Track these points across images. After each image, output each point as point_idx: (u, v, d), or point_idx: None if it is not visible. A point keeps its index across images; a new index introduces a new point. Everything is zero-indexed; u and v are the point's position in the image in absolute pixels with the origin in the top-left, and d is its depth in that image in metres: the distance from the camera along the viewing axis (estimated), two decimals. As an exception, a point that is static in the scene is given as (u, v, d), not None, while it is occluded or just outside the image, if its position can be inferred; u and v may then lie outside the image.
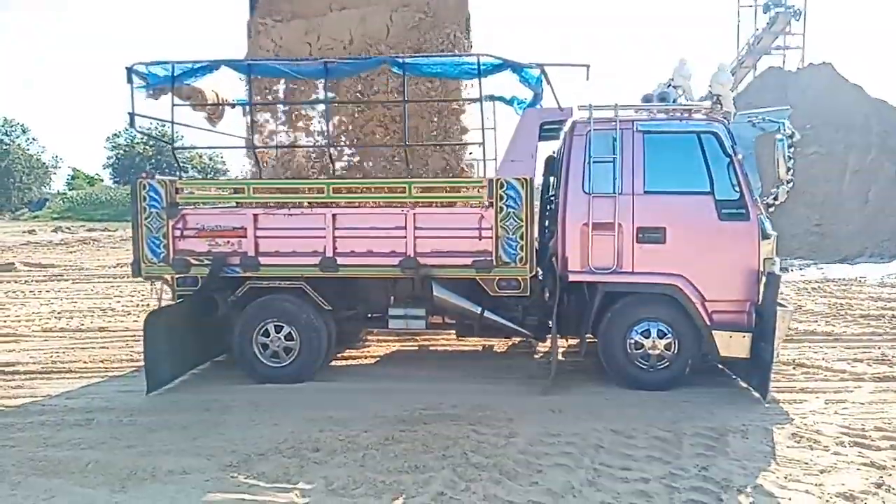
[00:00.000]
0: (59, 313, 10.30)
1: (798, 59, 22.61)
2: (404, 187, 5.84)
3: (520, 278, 5.77)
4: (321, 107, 6.74)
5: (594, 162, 5.66)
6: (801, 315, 9.14)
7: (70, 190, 57.91)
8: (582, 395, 5.62)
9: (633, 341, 5.72)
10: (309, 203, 6.05)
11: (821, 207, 18.12)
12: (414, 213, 5.78)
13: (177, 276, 6.12)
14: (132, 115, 5.95)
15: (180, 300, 6.13)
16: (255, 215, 5.95)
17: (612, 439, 4.56)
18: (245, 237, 5.96)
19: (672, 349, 5.69)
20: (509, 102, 7.59)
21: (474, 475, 4.00)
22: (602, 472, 4.10)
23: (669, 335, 5.69)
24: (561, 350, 7.11)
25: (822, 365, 6.61)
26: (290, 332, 6.05)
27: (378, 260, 5.86)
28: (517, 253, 5.68)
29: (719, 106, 5.68)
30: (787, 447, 4.51)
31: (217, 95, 7.21)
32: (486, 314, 5.95)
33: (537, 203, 6.56)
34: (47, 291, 12.70)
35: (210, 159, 54.51)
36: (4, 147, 53.03)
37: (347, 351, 7.31)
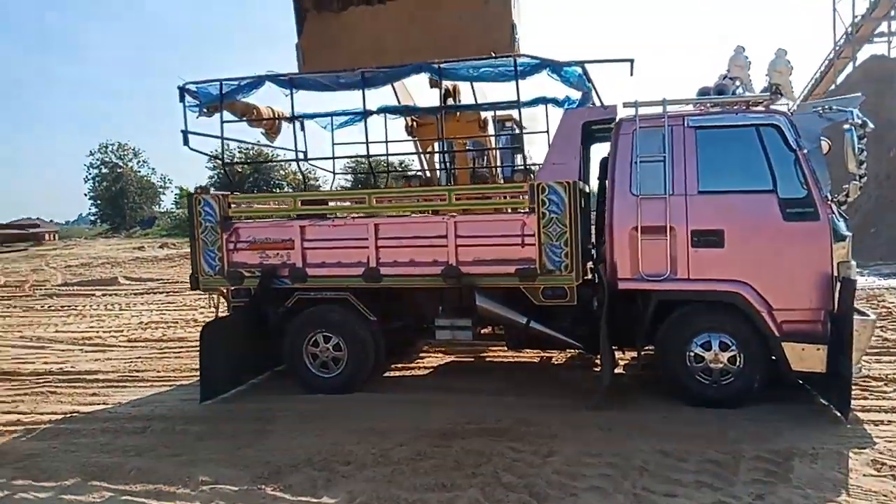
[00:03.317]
0: (146, 324, 10.95)
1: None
2: (444, 195, 5.73)
3: (566, 286, 5.51)
4: None
5: (642, 162, 5.33)
6: (903, 324, 8.25)
7: (178, 208, 62.03)
8: (636, 412, 5.27)
9: (692, 354, 5.31)
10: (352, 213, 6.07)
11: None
12: (455, 221, 5.66)
13: (231, 287, 6.32)
14: (185, 133, 6.21)
15: (233, 311, 6.31)
16: (302, 227, 6.03)
17: (658, 461, 4.21)
18: (293, 249, 6.05)
19: (737, 363, 5.24)
20: (561, 104, 7.34)
21: (502, 496, 3.80)
22: (643, 498, 3.78)
23: (733, 347, 5.24)
24: (623, 363, 6.78)
25: (920, 381, 5.88)
26: (337, 343, 6.08)
27: (420, 269, 5.78)
28: (562, 260, 5.43)
29: (779, 96, 5.20)
30: (864, 475, 3.99)
31: (272, 111, 7.41)
32: (533, 325, 5.73)
33: (594, 207, 6.31)
34: (141, 304, 13.56)
35: (303, 175, 56.58)
36: (119, 171, 57.61)
37: (403, 362, 7.27)
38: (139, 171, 60.24)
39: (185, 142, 6.25)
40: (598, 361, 6.83)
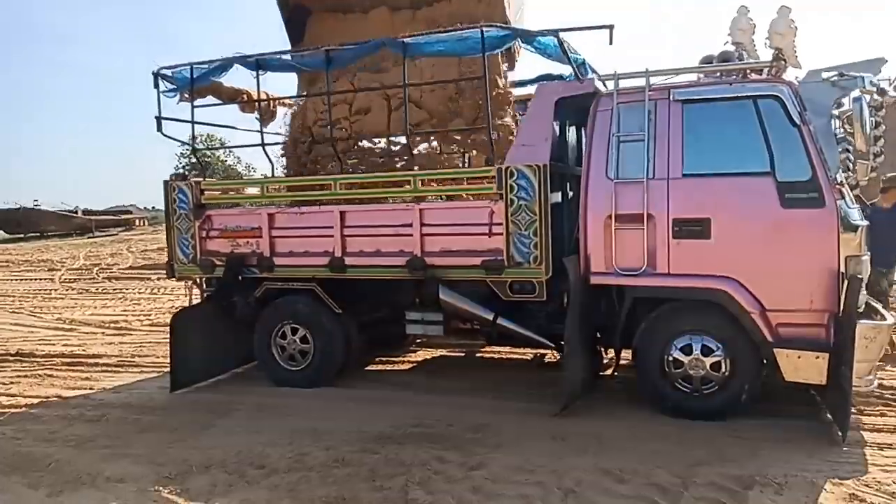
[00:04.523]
0: (177, 308, 11.15)
1: None
2: (409, 180, 5.33)
3: (535, 280, 5.00)
4: None
5: (620, 141, 4.72)
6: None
7: (260, 195, 64.33)
8: (602, 421, 4.70)
9: (671, 359, 4.69)
10: (319, 200, 5.79)
11: None
12: (420, 209, 5.25)
13: (204, 276, 6.20)
14: (158, 119, 6.10)
15: (204, 300, 6.21)
16: (270, 214, 5.81)
17: (594, 481, 3.68)
18: (261, 237, 5.85)
19: (721, 370, 4.57)
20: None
21: (399, 514, 3.42)
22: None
23: (718, 352, 4.57)
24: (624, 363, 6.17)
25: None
26: (304, 335, 5.84)
27: (386, 260, 5.42)
28: (531, 251, 4.91)
29: (782, 62, 4.43)
30: (833, 514, 3.32)
31: (267, 95, 7.20)
32: (500, 321, 5.25)
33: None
34: (187, 287, 13.86)
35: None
36: (206, 160, 60.56)
37: (389, 355, 6.95)
38: (226, 160, 63.03)
39: (159, 128, 6.15)
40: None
